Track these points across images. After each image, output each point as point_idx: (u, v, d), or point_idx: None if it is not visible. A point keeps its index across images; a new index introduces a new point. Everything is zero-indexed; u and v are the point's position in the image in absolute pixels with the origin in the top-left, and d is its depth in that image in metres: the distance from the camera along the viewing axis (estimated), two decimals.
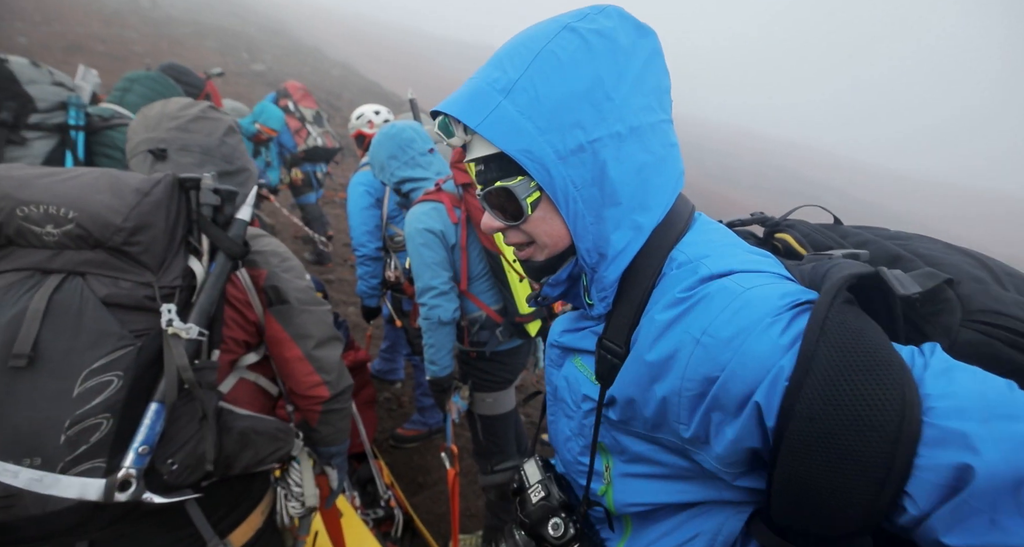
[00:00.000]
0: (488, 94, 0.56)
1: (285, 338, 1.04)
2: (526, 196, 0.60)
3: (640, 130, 0.58)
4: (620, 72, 0.56)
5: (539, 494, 0.72)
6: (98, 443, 0.78)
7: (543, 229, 0.62)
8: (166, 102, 1.10)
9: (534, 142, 0.55)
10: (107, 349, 0.78)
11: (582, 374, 0.69)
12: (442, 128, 0.61)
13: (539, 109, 0.55)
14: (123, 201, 0.83)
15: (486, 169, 0.61)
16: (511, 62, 0.57)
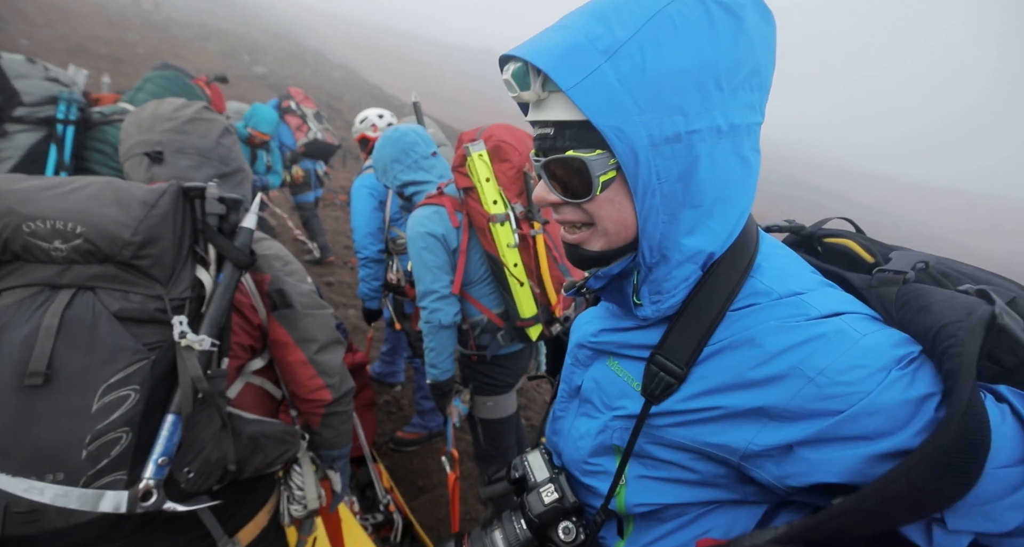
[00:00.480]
0: (587, 52, 0.47)
1: (289, 342, 1.04)
2: (600, 173, 0.51)
3: (738, 130, 0.52)
4: (737, 59, 0.49)
5: (552, 495, 0.68)
6: (119, 456, 0.79)
7: (609, 213, 0.54)
8: (159, 103, 1.09)
9: (629, 121, 0.47)
10: (123, 363, 0.79)
11: (621, 379, 0.64)
12: (517, 77, 0.51)
13: (642, 83, 0.47)
14: (130, 214, 0.83)
15: (556, 135, 0.53)
16: (619, 19, 0.48)
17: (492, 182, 1.58)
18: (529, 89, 0.51)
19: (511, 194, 1.61)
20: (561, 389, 0.77)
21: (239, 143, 1.16)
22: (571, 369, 0.74)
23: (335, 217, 6.90)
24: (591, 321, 0.71)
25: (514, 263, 1.61)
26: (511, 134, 1.63)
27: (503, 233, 1.58)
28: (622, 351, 0.65)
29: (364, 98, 17.36)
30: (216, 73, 3.24)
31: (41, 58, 1.54)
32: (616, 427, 0.65)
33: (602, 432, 0.67)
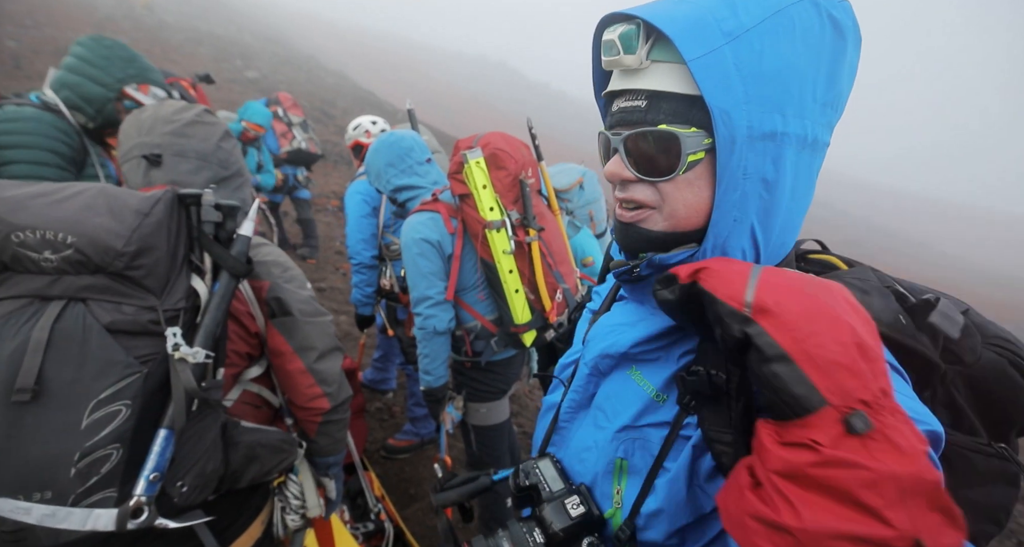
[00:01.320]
0: (712, 30, 0.47)
1: (288, 351, 1.03)
2: (691, 152, 0.50)
3: (817, 145, 0.52)
4: (832, 75, 0.51)
5: (579, 509, 0.63)
6: (109, 474, 0.77)
7: (685, 196, 0.52)
8: (159, 105, 1.08)
9: (737, 107, 0.47)
10: (114, 378, 0.77)
11: (641, 388, 0.61)
12: (625, 38, 0.49)
13: (756, 73, 0.47)
14: (123, 224, 0.80)
15: (650, 107, 0.51)
16: (745, 6, 0.48)
17: (489, 189, 1.59)
18: (634, 53, 0.50)
19: (507, 201, 1.62)
20: (570, 399, 0.73)
21: (238, 146, 1.15)
22: (587, 379, 0.70)
23: (327, 223, 6.87)
24: (621, 332, 0.66)
25: (509, 269, 1.62)
26: (507, 142, 1.65)
27: (499, 240, 1.59)
28: (658, 360, 0.61)
29: (357, 104, 17.37)
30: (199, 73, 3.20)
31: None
32: (624, 438, 0.62)
33: (611, 442, 0.63)
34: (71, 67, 1.56)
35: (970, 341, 0.56)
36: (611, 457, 0.63)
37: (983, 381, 0.56)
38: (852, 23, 0.51)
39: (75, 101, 1.54)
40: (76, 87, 1.54)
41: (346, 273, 5.32)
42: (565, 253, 1.82)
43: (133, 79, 1.62)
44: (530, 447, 3.23)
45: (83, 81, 1.54)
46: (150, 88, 1.68)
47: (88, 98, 1.55)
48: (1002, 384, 0.55)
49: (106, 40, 1.62)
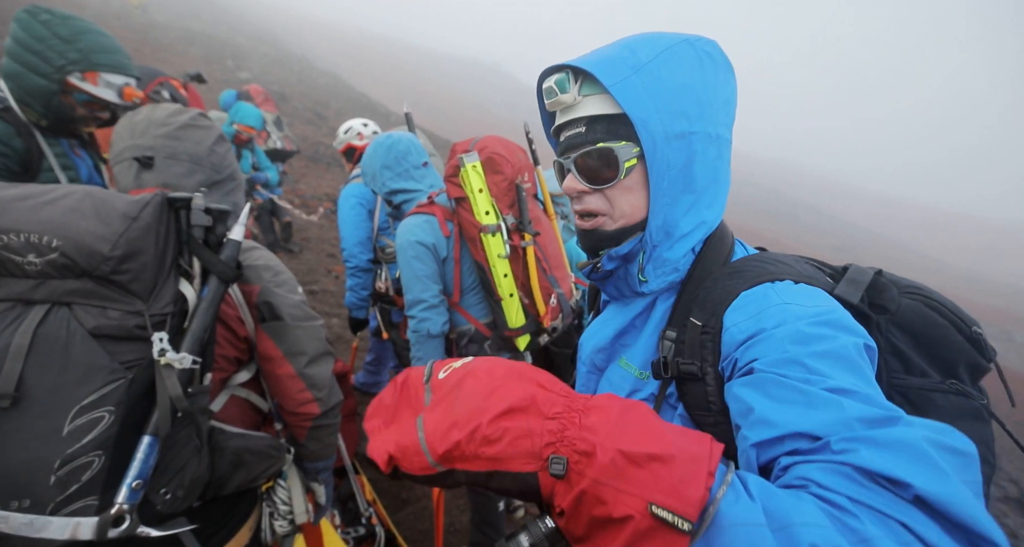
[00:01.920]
0: (620, 66, 0.63)
1: (278, 356, 1.01)
2: (625, 160, 0.65)
3: (721, 140, 0.68)
4: (716, 88, 0.66)
5: None
6: (90, 481, 0.75)
7: (626, 199, 0.67)
8: (153, 108, 1.07)
9: (651, 116, 0.62)
10: (97, 384, 0.75)
11: (630, 373, 0.72)
12: (560, 83, 0.66)
13: (660, 91, 0.63)
14: (110, 227, 0.79)
15: (588, 130, 0.66)
16: (641, 49, 0.64)
17: (485, 193, 1.59)
18: (568, 92, 0.66)
19: (503, 205, 1.62)
20: None
21: (232, 151, 1.14)
22: (587, 377, 0.79)
23: (319, 225, 6.83)
24: (604, 326, 0.78)
25: (504, 274, 1.62)
26: (504, 147, 1.65)
27: (494, 244, 1.59)
28: (636, 340, 0.73)
29: (350, 106, 17.31)
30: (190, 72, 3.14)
31: None
32: None
33: None
34: (11, 52, 1.30)
35: (888, 293, 0.67)
36: None
37: (911, 324, 0.66)
38: (720, 53, 0.68)
39: (21, 95, 1.32)
40: (18, 78, 1.31)
41: (339, 276, 5.29)
42: (560, 258, 1.82)
43: (75, 66, 1.32)
44: None
45: (22, 71, 1.30)
46: (100, 76, 1.38)
47: (32, 92, 1.31)
48: (925, 323, 0.65)
49: (43, 12, 1.30)
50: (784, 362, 0.51)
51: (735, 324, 0.58)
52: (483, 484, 0.45)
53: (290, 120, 12.71)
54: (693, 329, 0.63)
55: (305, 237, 6.16)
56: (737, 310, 0.59)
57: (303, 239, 6.06)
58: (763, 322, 0.55)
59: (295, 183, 8.35)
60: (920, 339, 0.65)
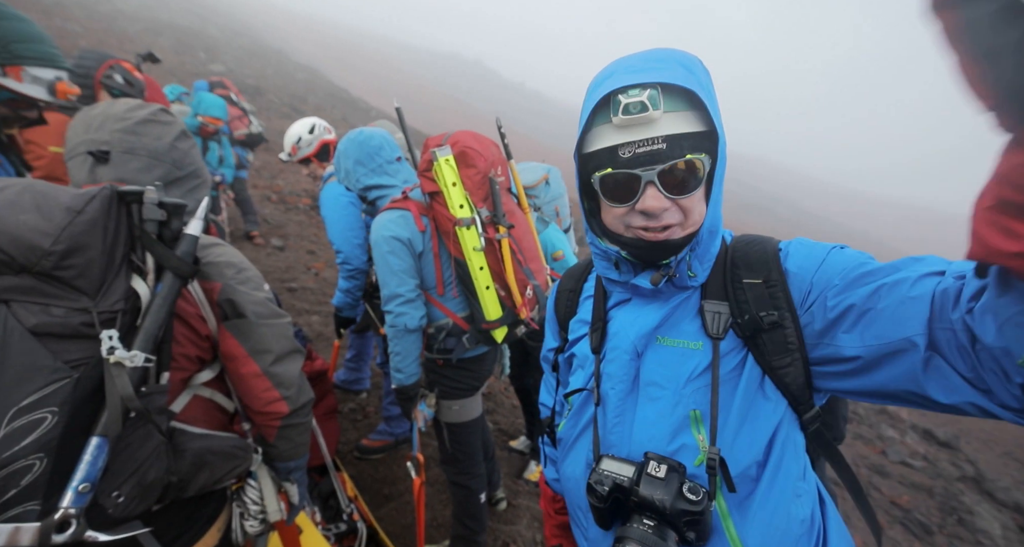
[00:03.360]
0: (695, 84, 0.67)
1: (241, 354, 0.99)
2: (706, 171, 0.70)
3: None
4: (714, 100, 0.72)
5: (661, 469, 0.69)
6: (30, 485, 0.72)
7: (699, 208, 0.72)
8: (111, 103, 1.03)
9: (721, 132, 0.69)
10: (38, 384, 0.72)
11: (677, 348, 0.77)
12: (652, 100, 0.66)
13: (715, 107, 0.69)
14: (51, 222, 0.75)
15: (670, 147, 0.67)
16: (693, 67, 0.69)
17: (459, 186, 1.59)
18: (659, 109, 0.66)
19: (477, 199, 1.62)
20: (616, 392, 0.79)
21: (197, 147, 1.10)
22: (628, 366, 0.79)
23: (298, 221, 6.70)
24: (642, 317, 0.80)
25: (480, 266, 1.62)
26: (477, 141, 1.65)
27: (469, 237, 1.59)
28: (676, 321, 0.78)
29: (330, 101, 16.97)
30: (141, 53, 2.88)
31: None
32: (689, 391, 0.74)
33: (676, 406, 0.74)
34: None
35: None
36: (684, 414, 0.73)
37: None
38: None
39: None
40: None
41: (319, 273, 5.21)
42: (535, 250, 1.83)
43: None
44: (505, 444, 3.26)
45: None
46: (25, 70, 1.24)
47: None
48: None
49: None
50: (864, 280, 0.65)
51: (794, 273, 0.72)
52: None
53: (266, 114, 12.39)
54: (754, 288, 0.73)
55: (284, 234, 6.05)
56: (789, 257, 0.74)
57: (282, 235, 5.95)
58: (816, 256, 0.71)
59: (273, 179, 8.16)
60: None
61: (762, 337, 0.71)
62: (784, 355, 0.70)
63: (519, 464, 2.90)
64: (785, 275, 0.72)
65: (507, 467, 2.83)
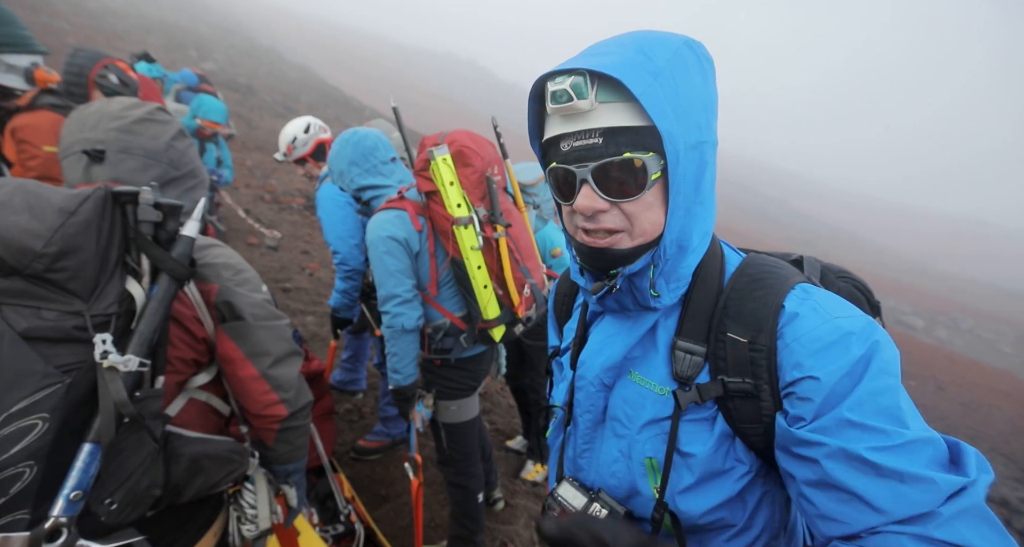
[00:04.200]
0: (642, 71, 0.56)
1: (239, 357, 0.97)
2: (653, 173, 0.60)
3: (715, 146, 0.65)
4: (712, 93, 0.64)
5: (602, 512, 0.68)
6: (20, 494, 0.69)
7: (647, 216, 0.62)
8: (107, 101, 1.01)
9: (674, 128, 0.58)
10: (28, 390, 0.70)
11: (644, 388, 0.69)
12: (576, 87, 0.58)
13: (677, 100, 0.58)
14: (43, 223, 0.73)
15: (607, 142, 0.59)
16: (654, 51, 0.58)
17: (456, 186, 1.58)
18: (586, 98, 0.58)
19: (474, 198, 1.62)
20: (584, 420, 0.76)
21: (195, 147, 1.08)
22: (595, 397, 0.74)
23: (292, 221, 6.65)
24: (610, 344, 0.72)
25: (477, 265, 1.62)
26: (473, 140, 1.64)
27: (467, 236, 1.59)
28: (646, 353, 0.71)
29: (323, 100, 16.86)
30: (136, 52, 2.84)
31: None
32: (644, 438, 0.68)
33: (631, 450, 0.69)
34: None
35: (828, 277, 0.79)
36: (640, 459, 0.68)
37: None
38: (708, 55, 0.65)
39: None
40: None
41: (313, 273, 5.18)
42: (532, 248, 1.83)
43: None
44: (501, 444, 3.25)
45: None
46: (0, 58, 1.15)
47: None
48: (854, 300, 0.76)
49: None
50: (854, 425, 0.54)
51: (795, 340, 0.59)
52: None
53: (259, 113, 12.28)
54: (736, 346, 0.62)
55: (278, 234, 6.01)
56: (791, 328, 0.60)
57: (275, 236, 5.90)
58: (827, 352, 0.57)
59: (266, 179, 8.10)
60: None
61: (733, 402, 0.62)
62: (755, 424, 0.62)
63: (516, 464, 2.90)
64: (776, 341, 0.60)
65: (504, 467, 2.84)
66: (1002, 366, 16.55)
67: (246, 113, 11.66)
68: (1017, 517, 4.60)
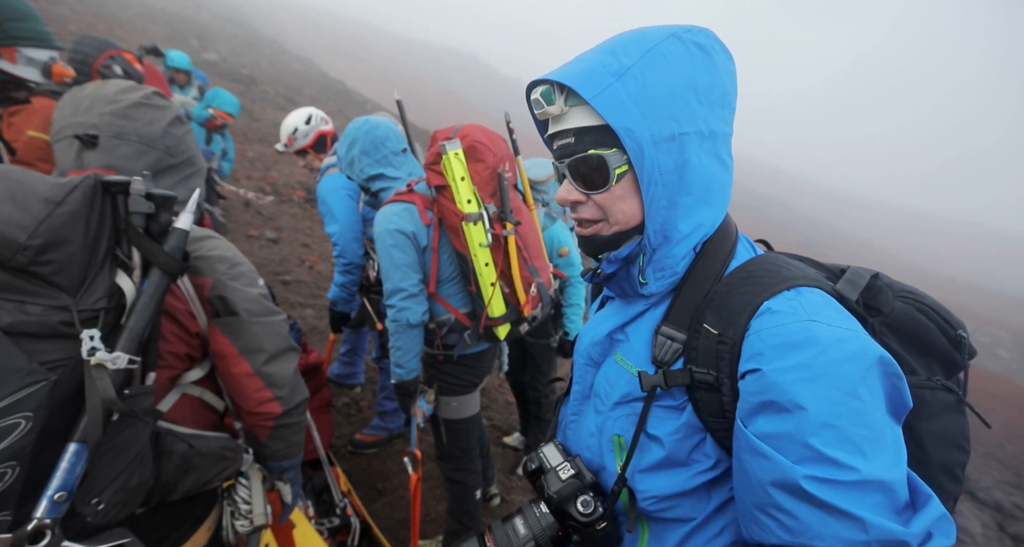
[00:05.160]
0: (602, 74, 0.61)
1: (233, 353, 0.94)
2: (616, 166, 0.64)
3: (716, 136, 0.66)
4: (711, 83, 0.64)
5: (569, 471, 0.72)
6: (1, 495, 0.67)
7: (619, 206, 0.67)
8: (101, 84, 0.97)
9: (636, 123, 0.61)
10: (12, 388, 0.67)
11: (624, 369, 0.72)
12: (545, 95, 0.65)
13: (645, 96, 0.61)
14: (28, 213, 0.70)
15: (577, 141, 0.65)
16: (624, 52, 0.62)
17: (467, 181, 1.55)
18: (555, 104, 0.65)
19: (484, 194, 1.59)
20: (574, 391, 0.82)
21: (192, 133, 1.05)
22: (584, 369, 0.79)
23: (292, 214, 6.63)
24: (603, 322, 0.78)
25: (485, 263, 1.60)
26: (486, 136, 1.62)
27: (476, 232, 1.57)
28: (631, 336, 0.73)
29: (325, 92, 16.77)
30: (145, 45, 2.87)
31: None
32: (616, 416, 0.71)
33: (603, 426, 0.73)
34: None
35: (882, 296, 0.69)
36: (609, 436, 0.72)
37: (901, 326, 0.68)
38: (712, 43, 0.65)
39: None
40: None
41: (313, 266, 5.17)
42: (540, 248, 1.81)
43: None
44: (499, 440, 3.26)
45: None
46: (20, 51, 1.23)
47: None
48: (915, 325, 0.68)
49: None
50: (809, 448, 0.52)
51: (756, 332, 0.58)
52: None
53: (261, 105, 12.21)
54: (708, 336, 0.62)
55: (278, 226, 5.98)
56: (761, 320, 0.59)
57: (275, 228, 5.88)
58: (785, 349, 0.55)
59: (267, 171, 8.06)
60: (910, 340, 0.68)
61: (699, 393, 0.63)
62: (719, 418, 0.62)
63: (513, 460, 2.90)
64: (744, 334, 0.59)
65: (501, 463, 2.83)
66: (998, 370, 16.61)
67: (248, 105, 11.59)
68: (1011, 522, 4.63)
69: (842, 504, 0.50)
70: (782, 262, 0.67)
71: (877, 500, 0.50)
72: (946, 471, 0.64)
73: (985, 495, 4.85)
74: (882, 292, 0.69)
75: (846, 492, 0.50)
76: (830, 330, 0.55)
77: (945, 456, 0.64)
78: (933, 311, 0.69)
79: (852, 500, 0.50)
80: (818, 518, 0.51)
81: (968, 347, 0.67)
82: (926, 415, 0.64)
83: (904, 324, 0.68)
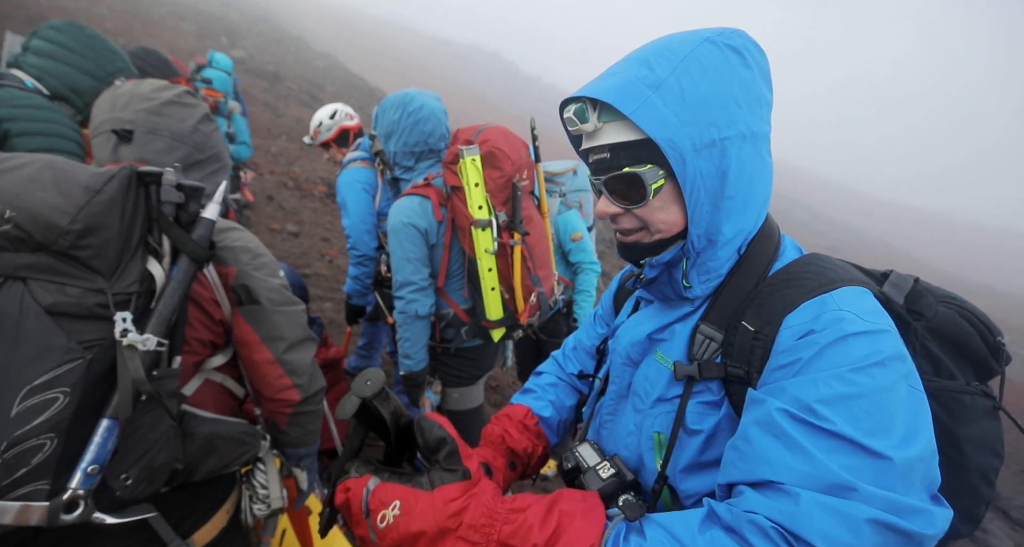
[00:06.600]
0: (638, 87, 0.62)
1: (255, 341, 0.98)
2: (652, 182, 0.65)
3: (756, 137, 0.66)
4: (747, 83, 0.64)
5: (609, 471, 0.72)
6: (40, 465, 0.71)
7: (659, 216, 0.67)
8: (139, 83, 1.04)
9: (677, 133, 0.61)
10: (52, 364, 0.72)
11: (663, 366, 0.72)
12: (578, 113, 0.66)
13: (683, 105, 0.61)
14: (70, 200, 0.75)
15: (612, 157, 0.66)
16: (658, 63, 0.63)
17: (480, 188, 1.57)
18: (588, 121, 0.65)
19: (497, 201, 1.60)
20: (610, 391, 0.82)
21: (219, 131, 1.11)
22: (622, 369, 0.79)
23: (313, 208, 6.77)
24: (641, 323, 0.78)
25: (488, 268, 1.62)
26: (507, 142, 1.61)
27: (483, 238, 1.58)
28: (672, 337, 0.73)
29: (347, 89, 17.02)
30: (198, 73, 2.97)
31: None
32: (655, 413, 0.71)
33: (643, 424, 0.73)
34: (52, 54, 1.45)
35: (924, 300, 0.69)
36: (649, 433, 0.72)
37: (943, 331, 0.68)
38: (746, 43, 0.66)
39: (62, 91, 1.45)
40: (66, 78, 1.45)
41: (332, 260, 5.27)
42: (546, 257, 1.81)
43: (121, 73, 1.54)
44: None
45: (73, 72, 1.46)
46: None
47: (78, 90, 1.46)
48: (957, 330, 0.68)
49: (85, 28, 1.53)
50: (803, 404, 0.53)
51: (789, 327, 0.59)
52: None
53: (285, 101, 12.48)
54: (744, 333, 0.63)
55: (299, 220, 6.12)
56: (795, 315, 0.59)
57: (297, 222, 6.01)
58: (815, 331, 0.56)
59: (289, 166, 8.24)
60: (951, 345, 0.68)
61: (733, 387, 0.64)
62: None
63: None
64: (778, 331, 0.60)
65: None
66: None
67: (272, 101, 11.86)
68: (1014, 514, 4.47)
69: (805, 441, 0.50)
70: (828, 264, 0.67)
71: (846, 460, 0.49)
72: (983, 476, 0.65)
73: (1019, 514, 4.64)
74: (924, 296, 0.69)
75: (814, 435, 0.50)
76: (855, 323, 0.55)
77: (983, 461, 0.65)
78: (974, 317, 0.69)
79: (817, 444, 0.50)
80: (774, 448, 0.52)
81: (1005, 354, 0.68)
82: (965, 420, 0.64)
83: (946, 329, 0.68)
